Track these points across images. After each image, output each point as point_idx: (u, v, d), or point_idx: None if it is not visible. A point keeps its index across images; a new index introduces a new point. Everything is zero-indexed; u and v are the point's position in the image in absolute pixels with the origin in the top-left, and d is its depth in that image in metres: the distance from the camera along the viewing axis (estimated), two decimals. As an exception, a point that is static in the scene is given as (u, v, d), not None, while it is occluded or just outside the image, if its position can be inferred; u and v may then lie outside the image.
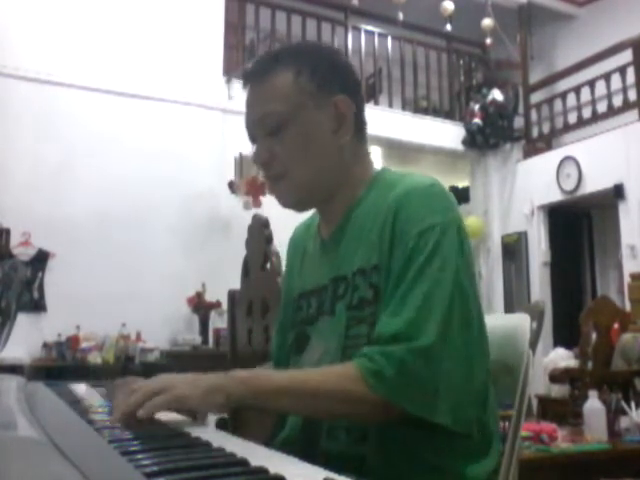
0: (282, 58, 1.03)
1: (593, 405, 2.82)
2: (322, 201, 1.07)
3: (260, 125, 1.03)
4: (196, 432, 0.73)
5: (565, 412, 3.92)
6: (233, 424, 1.10)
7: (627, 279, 5.53)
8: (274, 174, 1.04)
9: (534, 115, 7.19)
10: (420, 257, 0.91)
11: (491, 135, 6.89)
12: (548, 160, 6.62)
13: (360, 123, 1.06)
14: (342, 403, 0.88)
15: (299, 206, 1.08)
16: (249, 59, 6.08)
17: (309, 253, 1.14)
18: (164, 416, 0.84)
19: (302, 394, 0.88)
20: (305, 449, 0.96)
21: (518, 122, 7.11)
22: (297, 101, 1.00)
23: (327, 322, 1.02)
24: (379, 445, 0.91)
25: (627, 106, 6.05)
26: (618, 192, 5.88)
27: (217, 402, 0.84)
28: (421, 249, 0.91)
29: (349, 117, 1.02)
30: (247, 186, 5.29)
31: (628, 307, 5.16)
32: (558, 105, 6.93)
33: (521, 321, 1.09)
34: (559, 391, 4.54)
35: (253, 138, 1.06)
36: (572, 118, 6.67)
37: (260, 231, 2.31)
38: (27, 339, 4.62)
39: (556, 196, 6.52)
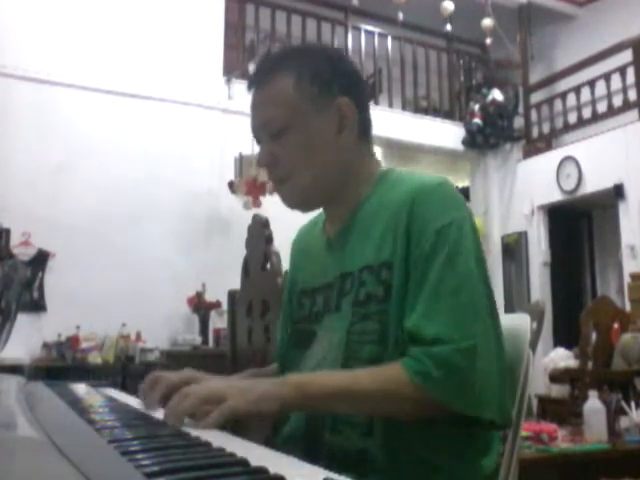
0: (283, 61, 1.04)
1: (593, 405, 2.82)
2: (327, 201, 1.09)
3: (263, 129, 1.04)
4: (196, 432, 0.73)
5: (565, 412, 3.92)
6: (233, 424, 1.10)
7: (627, 279, 5.53)
8: (277, 177, 1.06)
9: (534, 115, 7.19)
10: (442, 254, 0.92)
11: (491, 135, 6.89)
12: (548, 160, 6.62)
13: (365, 124, 1.06)
14: (390, 404, 0.89)
15: (303, 207, 1.09)
16: (249, 59, 6.08)
17: (313, 252, 1.14)
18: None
19: (352, 397, 0.89)
20: (309, 443, 0.98)
21: (518, 122, 7.11)
22: (298, 106, 1.01)
23: (333, 318, 1.02)
24: (383, 440, 0.92)
25: (627, 106, 6.05)
26: (618, 192, 5.87)
27: (271, 410, 0.85)
28: (442, 245, 0.92)
29: (351, 119, 1.03)
30: (247, 186, 5.29)
31: (628, 307, 5.16)
32: (558, 105, 6.93)
33: (521, 321, 1.09)
34: (559, 391, 4.54)
35: (258, 140, 1.07)
36: (572, 118, 6.67)
37: (260, 231, 2.31)
38: (27, 339, 4.62)
39: (556, 196, 6.53)
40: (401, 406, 0.89)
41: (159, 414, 0.87)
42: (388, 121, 6.48)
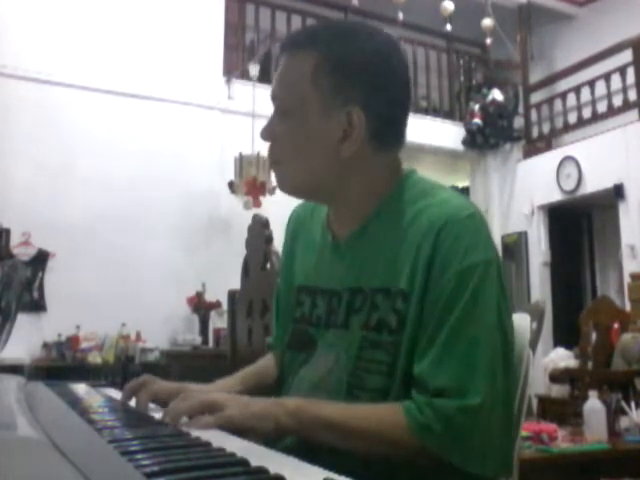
0: (313, 41, 0.97)
1: (593, 405, 2.82)
2: (325, 199, 1.04)
3: (274, 100, 1.00)
4: (196, 432, 0.73)
5: (565, 412, 3.92)
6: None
7: (627, 279, 5.53)
8: (273, 157, 1.01)
9: (534, 115, 7.19)
10: (462, 300, 0.87)
11: (491, 135, 6.89)
12: (548, 160, 6.62)
13: (387, 131, 0.98)
14: (385, 447, 0.87)
15: (294, 195, 1.04)
16: (249, 59, 6.08)
17: (317, 247, 1.07)
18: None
19: (346, 433, 0.87)
20: (307, 460, 0.95)
21: (518, 122, 7.11)
22: (308, 98, 0.94)
23: (340, 335, 0.98)
24: (383, 467, 0.90)
25: (627, 106, 6.05)
26: (618, 192, 5.88)
27: (266, 428, 0.85)
28: (463, 290, 0.87)
29: (358, 131, 0.94)
30: (247, 186, 5.29)
31: (628, 307, 5.16)
32: (558, 105, 6.93)
33: (521, 321, 1.08)
34: (559, 391, 4.54)
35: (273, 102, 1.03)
36: (572, 118, 6.67)
37: (260, 231, 2.31)
38: (27, 339, 4.62)
39: (556, 196, 6.53)
40: (396, 451, 0.87)
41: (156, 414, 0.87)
42: (388, 121, 6.48)
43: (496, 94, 6.85)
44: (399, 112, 1.00)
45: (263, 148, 1.12)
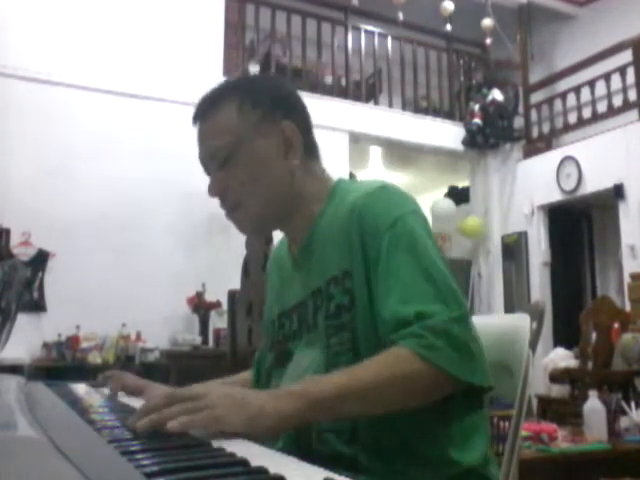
0: (224, 92, 1.07)
1: (593, 405, 2.83)
2: (280, 223, 1.10)
3: (211, 160, 1.07)
4: (196, 432, 0.73)
5: (565, 412, 3.92)
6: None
7: (627, 279, 5.53)
8: (229, 205, 1.07)
9: (534, 115, 7.18)
10: (401, 247, 0.93)
11: (491, 135, 6.89)
12: (548, 160, 6.62)
13: (310, 144, 1.09)
14: (403, 387, 0.84)
15: (258, 231, 1.12)
16: (249, 59, 6.08)
17: (285, 272, 1.16)
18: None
19: (364, 391, 0.83)
20: (299, 455, 0.96)
21: (518, 122, 7.11)
22: (243, 132, 1.03)
23: (311, 336, 1.03)
24: (369, 443, 0.92)
25: (627, 106, 6.05)
26: (618, 192, 5.87)
27: (265, 426, 0.76)
28: (398, 240, 0.94)
29: (296, 141, 1.05)
30: (247, 186, 5.29)
31: (628, 307, 5.16)
32: (558, 105, 6.93)
33: (521, 321, 1.09)
34: (559, 391, 4.55)
35: (208, 172, 1.10)
36: (572, 118, 6.67)
37: (260, 231, 2.31)
38: (27, 339, 4.62)
39: (556, 196, 6.53)
40: (412, 386, 0.84)
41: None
42: (388, 121, 6.48)
43: (496, 94, 6.85)
44: (310, 122, 1.11)
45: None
